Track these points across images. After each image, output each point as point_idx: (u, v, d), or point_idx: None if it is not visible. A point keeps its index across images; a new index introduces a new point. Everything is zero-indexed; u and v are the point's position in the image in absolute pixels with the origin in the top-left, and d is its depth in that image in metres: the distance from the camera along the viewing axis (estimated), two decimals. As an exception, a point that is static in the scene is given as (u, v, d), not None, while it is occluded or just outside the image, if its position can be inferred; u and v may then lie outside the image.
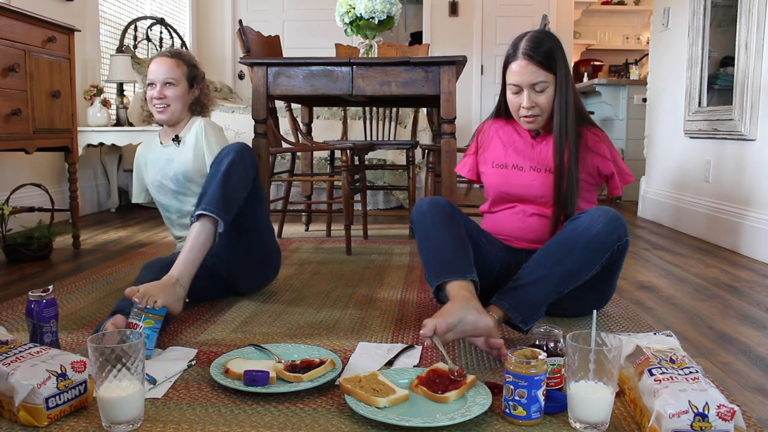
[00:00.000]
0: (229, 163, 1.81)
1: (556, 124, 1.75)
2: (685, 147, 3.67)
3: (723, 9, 3.38)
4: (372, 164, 4.12)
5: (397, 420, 1.15)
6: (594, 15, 7.29)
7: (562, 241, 1.65)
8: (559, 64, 1.72)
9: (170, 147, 2.10)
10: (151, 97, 2.05)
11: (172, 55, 2.07)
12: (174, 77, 2.03)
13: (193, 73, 2.09)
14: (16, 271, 2.52)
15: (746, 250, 2.93)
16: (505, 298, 1.60)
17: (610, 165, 1.83)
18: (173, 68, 2.04)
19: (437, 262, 1.64)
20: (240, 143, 1.89)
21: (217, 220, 1.74)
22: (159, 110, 2.05)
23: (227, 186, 1.78)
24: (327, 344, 1.63)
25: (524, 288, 1.61)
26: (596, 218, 1.64)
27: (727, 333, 1.82)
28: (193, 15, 6.09)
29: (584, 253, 1.62)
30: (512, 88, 1.77)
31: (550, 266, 1.62)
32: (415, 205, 1.80)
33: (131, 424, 1.15)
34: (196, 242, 1.72)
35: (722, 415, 1.06)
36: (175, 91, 2.03)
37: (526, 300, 1.59)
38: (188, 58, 2.11)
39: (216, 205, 1.74)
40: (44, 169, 3.71)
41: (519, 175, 1.84)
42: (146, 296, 1.55)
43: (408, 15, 7.52)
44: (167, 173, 2.07)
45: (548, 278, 1.61)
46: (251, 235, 1.96)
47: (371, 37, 2.90)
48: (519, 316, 1.58)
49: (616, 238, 1.63)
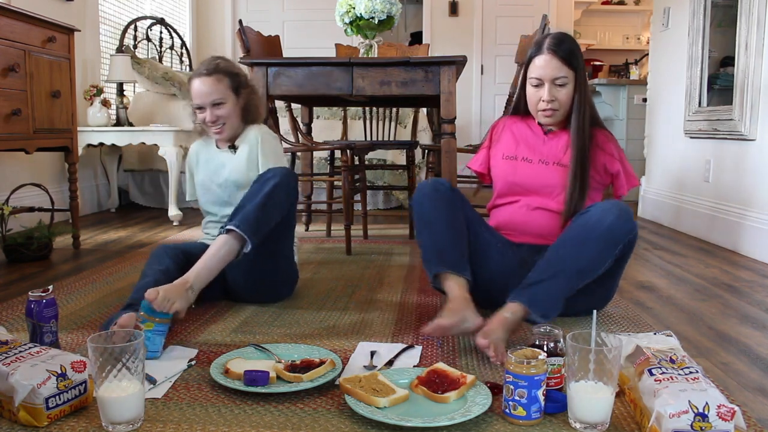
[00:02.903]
0: (273, 187, 1.80)
1: (574, 121, 1.82)
2: (685, 147, 3.67)
3: (723, 9, 3.38)
4: (372, 164, 4.12)
5: (397, 420, 1.15)
6: (594, 15, 7.28)
7: (575, 235, 1.67)
8: (579, 62, 1.81)
9: (225, 153, 2.08)
10: (203, 120, 2.00)
11: (210, 73, 1.97)
12: (220, 96, 1.96)
13: (236, 81, 2.01)
14: (16, 271, 2.52)
15: (746, 250, 2.93)
16: (523, 294, 1.61)
17: (617, 164, 1.88)
18: (216, 86, 1.96)
19: (435, 251, 1.73)
20: (287, 168, 1.89)
21: (246, 240, 1.74)
22: (217, 132, 2.01)
23: (265, 209, 1.78)
24: (327, 344, 1.63)
25: (541, 284, 1.63)
26: (607, 210, 1.66)
27: (727, 333, 1.82)
28: (193, 15, 6.09)
29: (598, 246, 1.64)
30: (533, 81, 1.83)
31: (565, 260, 1.64)
32: (418, 186, 1.85)
33: (131, 424, 1.15)
34: (218, 253, 1.73)
35: (722, 415, 1.06)
36: (225, 110, 1.98)
37: (544, 296, 1.61)
38: (226, 68, 2.01)
39: (249, 225, 1.74)
40: (44, 169, 3.71)
41: (527, 166, 1.89)
42: (165, 301, 1.54)
43: (408, 15, 7.52)
44: (217, 178, 2.05)
45: (564, 272, 1.63)
46: (269, 259, 1.93)
47: (371, 37, 2.90)
48: (538, 311, 1.59)
49: (627, 229, 1.66)
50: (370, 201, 4.59)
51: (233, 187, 2.03)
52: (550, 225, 1.84)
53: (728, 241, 3.10)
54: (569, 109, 1.84)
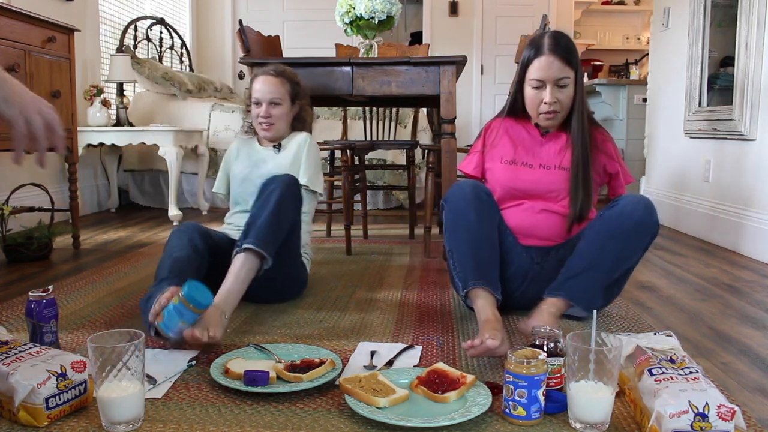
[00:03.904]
0: (279, 199, 1.80)
1: (576, 122, 1.81)
2: (685, 147, 3.67)
3: (723, 9, 3.38)
4: (372, 164, 4.12)
5: (397, 420, 1.15)
6: (594, 15, 7.28)
7: (607, 228, 1.67)
8: (578, 61, 1.80)
9: (269, 150, 2.15)
10: (257, 115, 2.11)
11: (276, 74, 2.11)
12: (279, 96, 2.09)
13: (295, 90, 2.15)
14: (16, 271, 2.52)
15: (746, 250, 2.93)
16: (562, 289, 1.62)
17: (616, 165, 1.88)
18: (278, 87, 2.10)
19: (474, 261, 1.67)
20: (288, 176, 1.88)
21: (265, 257, 1.74)
22: (265, 128, 2.11)
23: (277, 221, 1.78)
24: (327, 344, 1.63)
25: (578, 277, 1.63)
26: (636, 204, 1.67)
27: (727, 333, 1.82)
28: (193, 15, 6.09)
29: (630, 238, 1.65)
30: (534, 83, 1.80)
31: (599, 253, 1.64)
32: (457, 188, 1.78)
33: (131, 424, 1.15)
34: (240, 273, 1.72)
35: (722, 415, 1.06)
36: (280, 110, 2.10)
37: (584, 288, 1.62)
38: (291, 76, 2.15)
39: (265, 241, 1.74)
40: (44, 169, 3.71)
41: (528, 171, 1.86)
42: (203, 330, 1.50)
43: (408, 15, 7.51)
44: (257, 171, 2.10)
45: (600, 265, 1.63)
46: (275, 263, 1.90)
47: (371, 37, 2.90)
48: (580, 304, 1.60)
49: (654, 222, 1.67)
50: (370, 201, 4.59)
51: None
52: (556, 226, 1.83)
53: (728, 241, 3.10)
54: (569, 111, 1.83)
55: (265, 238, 1.75)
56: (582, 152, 1.80)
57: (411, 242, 3.21)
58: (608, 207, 1.72)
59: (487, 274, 1.66)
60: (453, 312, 1.94)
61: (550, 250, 1.84)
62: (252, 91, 2.13)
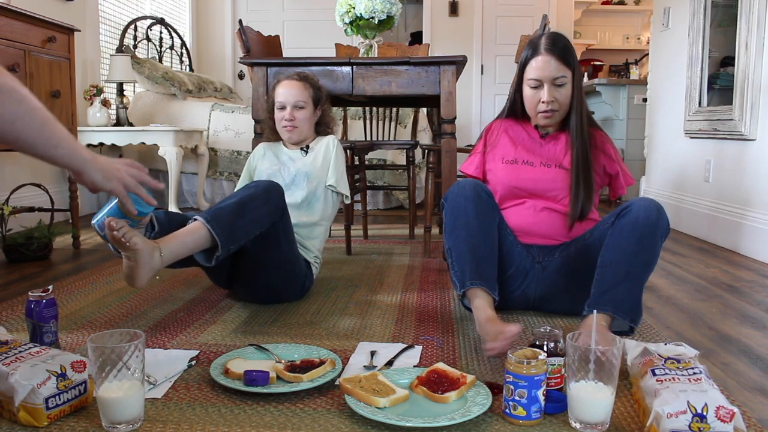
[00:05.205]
0: (251, 194, 1.76)
1: (574, 122, 1.81)
2: (685, 147, 3.67)
3: (723, 9, 3.38)
4: (372, 164, 4.12)
5: (397, 420, 1.15)
6: (594, 15, 7.29)
7: (628, 235, 1.62)
8: (575, 60, 1.80)
9: (295, 152, 2.22)
10: (281, 118, 2.18)
11: (300, 79, 2.20)
12: (303, 100, 2.17)
13: (318, 95, 2.22)
14: (16, 271, 2.52)
15: (746, 250, 2.93)
16: (604, 303, 1.57)
17: (616, 166, 1.88)
18: (302, 91, 2.17)
19: (473, 260, 1.66)
20: (270, 182, 1.83)
21: (217, 244, 1.66)
22: (288, 130, 2.18)
23: (240, 211, 1.72)
24: (327, 344, 1.63)
25: (616, 289, 1.58)
26: (651, 208, 1.63)
27: (727, 333, 1.82)
28: (193, 15, 6.09)
29: (653, 244, 1.61)
30: (532, 83, 1.81)
31: (629, 261, 1.59)
32: (458, 187, 1.77)
33: (131, 424, 1.15)
34: (187, 238, 1.64)
35: (721, 417, 1.06)
36: (303, 114, 2.18)
37: (627, 299, 1.57)
38: (313, 81, 2.24)
39: (220, 223, 1.67)
40: (44, 169, 3.71)
41: (529, 170, 1.86)
42: (125, 227, 1.47)
43: (408, 15, 7.51)
44: (284, 169, 2.16)
45: (633, 274, 1.59)
46: (268, 268, 1.90)
47: (371, 37, 2.90)
48: (626, 317, 1.57)
49: (667, 225, 1.66)
50: (370, 201, 4.59)
51: (303, 178, 2.13)
52: (558, 225, 1.83)
53: (728, 241, 3.10)
54: (568, 110, 1.84)
55: (220, 220, 1.67)
56: (582, 150, 1.80)
57: (411, 242, 3.21)
58: (621, 215, 1.67)
59: (484, 274, 1.65)
60: (453, 312, 1.94)
61: (553, 249, 1.84)
62: (275, 96, 2.19)
